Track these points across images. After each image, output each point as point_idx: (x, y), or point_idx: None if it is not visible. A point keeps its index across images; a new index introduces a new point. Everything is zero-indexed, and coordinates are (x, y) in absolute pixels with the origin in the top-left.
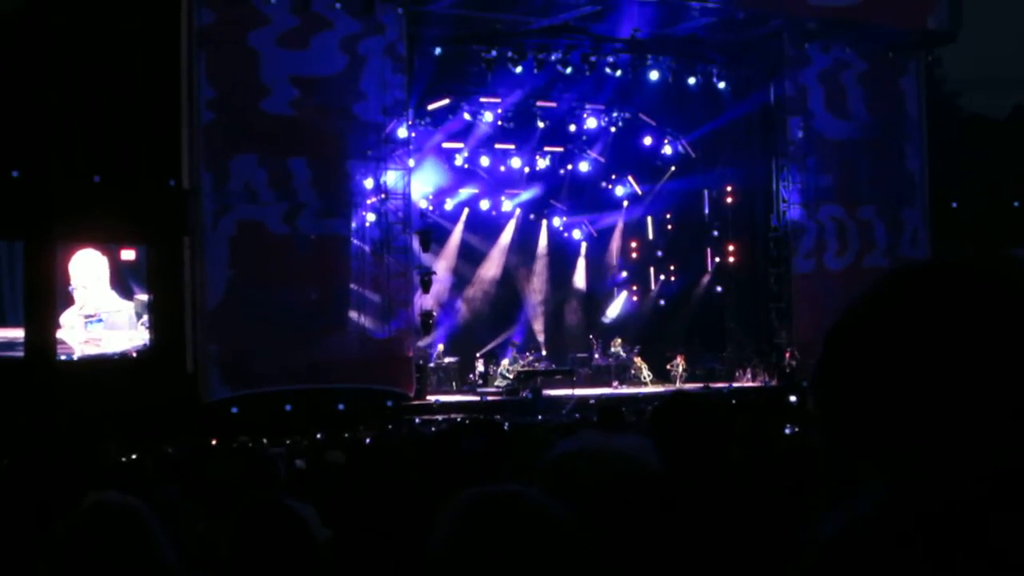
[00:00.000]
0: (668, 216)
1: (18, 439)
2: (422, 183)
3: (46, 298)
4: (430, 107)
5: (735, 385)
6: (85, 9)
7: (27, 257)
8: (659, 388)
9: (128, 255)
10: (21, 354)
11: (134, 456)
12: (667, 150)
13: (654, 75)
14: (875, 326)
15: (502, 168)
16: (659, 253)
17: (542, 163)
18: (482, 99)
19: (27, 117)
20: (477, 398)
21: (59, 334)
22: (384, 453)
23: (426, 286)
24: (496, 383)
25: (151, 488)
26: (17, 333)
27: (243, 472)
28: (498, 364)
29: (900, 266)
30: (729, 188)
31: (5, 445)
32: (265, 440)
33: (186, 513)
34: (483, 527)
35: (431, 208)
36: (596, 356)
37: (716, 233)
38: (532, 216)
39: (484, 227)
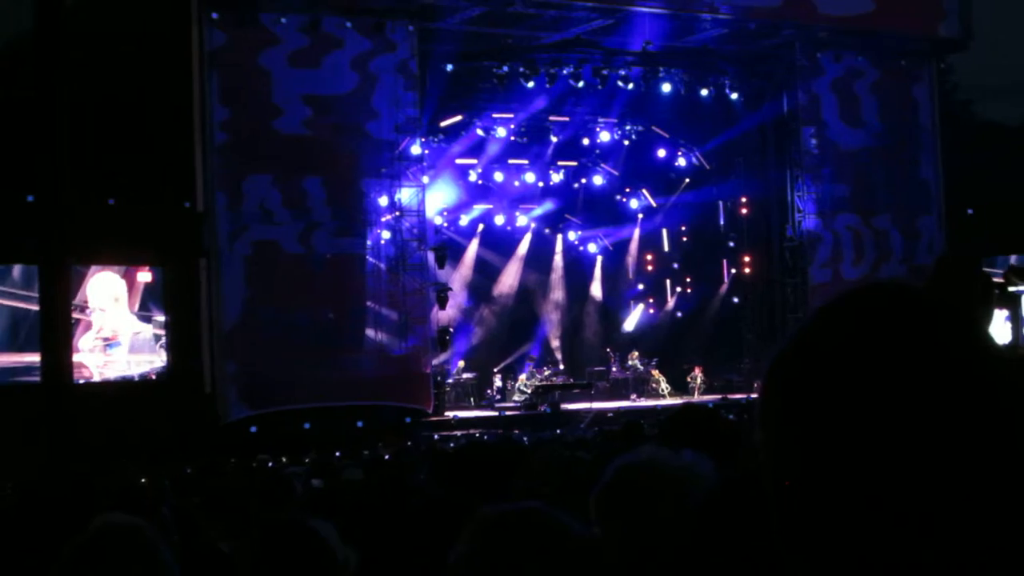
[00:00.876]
0: (683, 228)
1: (36, 463)
2: (436, 200)
3: (62, 321)
4: (443, 124)
5: (753, 396)
6: (96, 33)
7: (42, 281)
8: (677, 400)
9: (144, 277)
10: (38, 379)
11: (153, 477)
12: (681, 162)
13: (666, 87)
14: (821, 359)
15: (516, 183)
16: (675, 265)
17: (556, 177)
18: (495, 115)
19: (40, 141)
20: (495, 413)
21: (77, 357)
22: (402, 470)
23: (442, 302)
24: (514, 398)
25: (168, 509)
26: (35, 358)
27: (259, 491)
28: (515, 379)
29: (844, 292)
30: (744, 199)
31: (22, 470)
32: (284, 459)
33: (204, 533)
34: (502, 545)
35: (446, 224)
36: (614, 369)
37: (732, 244)
38: (547, 230)
39: (499, 242)
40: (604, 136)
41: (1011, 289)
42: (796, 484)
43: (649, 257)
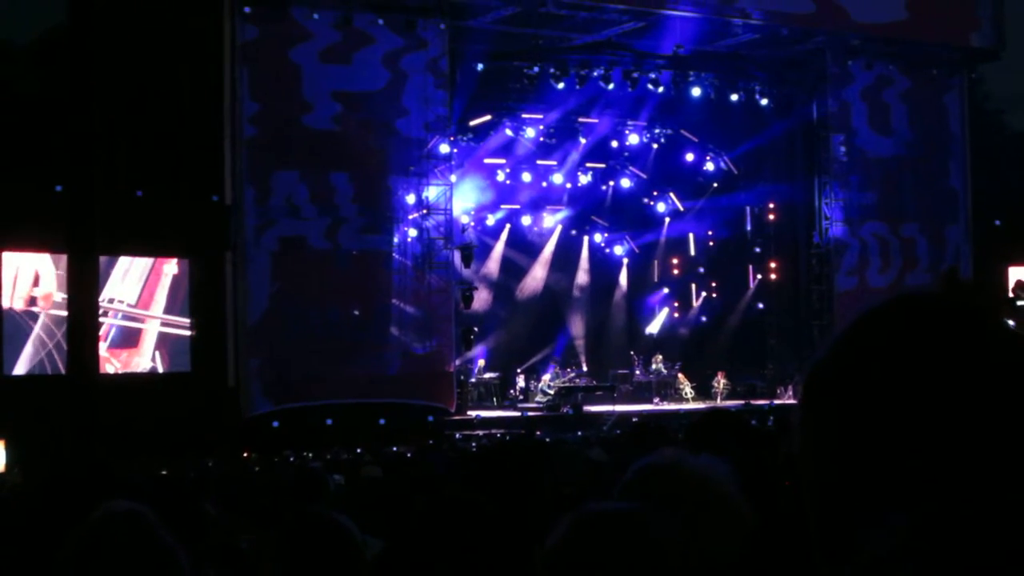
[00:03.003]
0: (710, 233)
1: (60, 455)
2: (464, 199)
3: (88, 313)
4: (472, 123)
5: (776, 403)
6: (128, 25)
7: (69, 272)
8: (700, 405)
9: (171, 270)
10: (63, 370)
11: (174, 470)
12: (709, 166)
13: (696, 91)
14: (862, 365)
15: (544, 184)
16: (701, 270)
17: (584, 179)
18: (524, 115)
19: (70, 132)
20: (518, 414)
21: (102, 348)
22: (424, 469)
23: (467, 301)
24: (537, 399)
25: (191, 501)
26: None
27: (291, 486)
28: (539, 380)
29: (883, 302)
30: (771, 205)
31: (47, 461)
32: (310, 454)
33: (226, 527)
34: (594, 542)
35: (472, 224)
36: (637, 372)
37: (758, 250)
38: (573, 232)
39: (525, 243)
40: (633, 139)
41: (1020, 303)
42: (841, 487)
43: (675, 261)
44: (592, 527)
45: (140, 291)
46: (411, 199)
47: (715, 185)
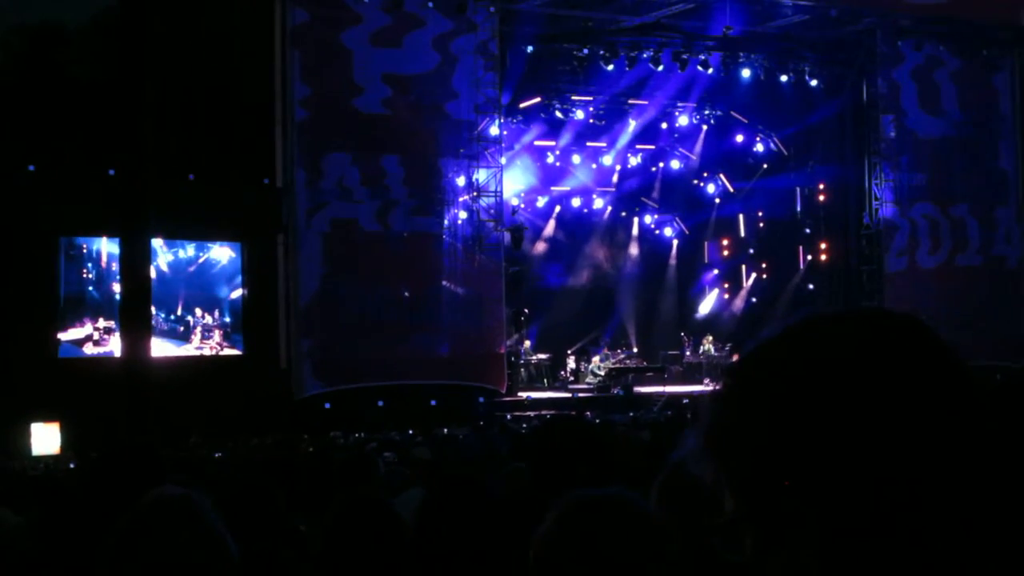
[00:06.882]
0: (760, 214)
1: (114, 437)
2: (513, 180)
3: (141, 295)
4: (522, 105)
5: None
6: (179, 9)
7: (122, 255)
8: None
9: (222, 252)
10: (117, 352)
11: (227, 451)
12: (759, 148)
13: (746, 73)
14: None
15: (593, 166)
16: (751, 251)
17: (633, 161)
18: (573, 97)
19: (122, 116)
20: (568, 395)
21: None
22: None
23: (517, 283)
24: (587, 380)
25: (241, 482)
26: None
27: (341, 468)
28: (589, 361)
29: (808, 314)
30: (821, 185)
31: (101, 443)
32: (361, 435)
33: (278, 508)
34: (586, 528)
35: (522, 205)
36: (687, 354)
37: (808, 231)
38: (623, 213)
39: (575, 224)
40: (683, 120)
41: None
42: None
43: (725, 242)
44: (578, 515)
45: (189, 271)
46: (461, 181)
47: (765, 166)
